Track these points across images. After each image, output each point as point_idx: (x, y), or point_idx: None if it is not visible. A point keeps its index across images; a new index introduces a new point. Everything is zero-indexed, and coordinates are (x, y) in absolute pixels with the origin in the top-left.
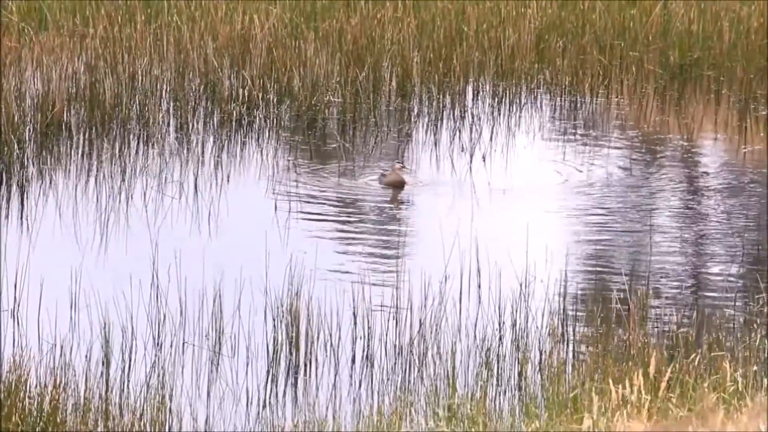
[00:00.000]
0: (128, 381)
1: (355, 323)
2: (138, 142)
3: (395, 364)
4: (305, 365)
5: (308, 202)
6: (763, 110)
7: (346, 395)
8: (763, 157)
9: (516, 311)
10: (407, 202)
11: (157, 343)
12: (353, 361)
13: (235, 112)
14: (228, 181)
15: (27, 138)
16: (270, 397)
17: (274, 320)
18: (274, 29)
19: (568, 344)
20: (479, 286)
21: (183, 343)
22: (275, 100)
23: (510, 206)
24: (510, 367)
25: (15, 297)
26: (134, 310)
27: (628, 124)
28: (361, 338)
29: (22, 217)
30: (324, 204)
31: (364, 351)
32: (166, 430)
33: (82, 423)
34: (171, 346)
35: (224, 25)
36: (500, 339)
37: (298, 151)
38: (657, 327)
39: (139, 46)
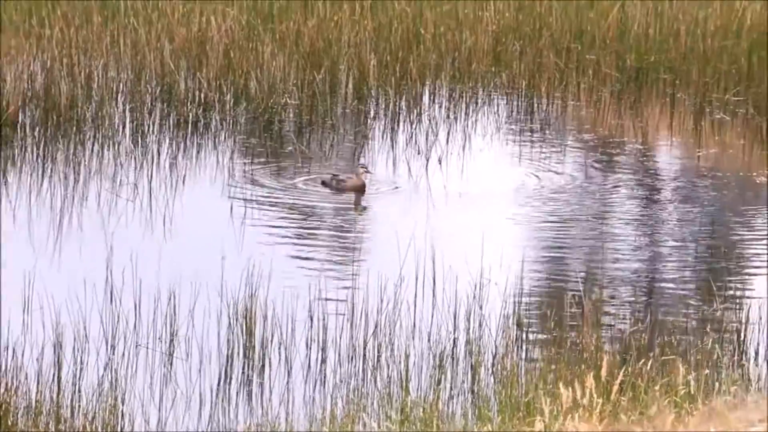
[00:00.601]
0: (80, 383)
1: (311, 326)
2: (93, 144)
3: (349, 367)
4: (259, 368)
5: (264, 205)
6: (718, 114)
7: (299, 398)
8: (717, 161)
9: (470, 315)
10: (369, 205)
11: (111, 346)
12: (307, 364)
13: (191, 115)
14: (183, 183)
15: None
16: (223, 400)
17: (228, 323)
18: (231, 31)
19: (521, 348)
20: (434, 290)
21: (136, 346)
22: (232, 102)
23: (466, 210)
24: (463, 370)
25: None
26: (87, 313)
27: (584, 127)
28: (315, 341)
29: None
30: (280, 207)
31: (317, 354)
32: None
33: (34, 426)
34: (124, 348)
35: (181, 27)
36: (454, 342)
37: (254, 154)
38: (610, 331)
39: (96, 48)
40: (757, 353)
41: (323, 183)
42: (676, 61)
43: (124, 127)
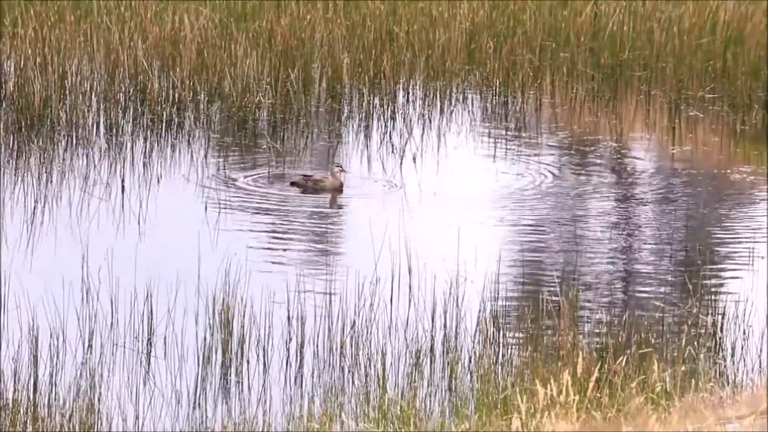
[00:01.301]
0: (58, 383)
1: (288, 325)
2: (67, 144)
3: (326, 365)
4: (236, 366)
5: (239, 204)
6: (693, 111)
7: (277, 397)
8: (692, 158)
9: (447, 313)
10: (346, 205)
11: (88, 345)
12: (285, 362)
13: (165, 114)
14: (158, 182)
15: None
16: (200, 399)
17: (205, 322)
18: (204, 30)
19: (498, 345)
20: (410, 288)
21: (113, 345)
22: (205, 101)
23: (441, 208)
24: (441, 368)
25: None
26: (64, 312)
27: (559, 125)
28: (292, 340)
29: None
30: (255, 205)
31: (295, 352)
32: (96, 431)
33: (11, 425)
34: (101, 347)
35: (154, 26)
36: (431, 340)
37: (228, 153)
38: (587, 328)
39: (69, 47)
40: (732, 350)
41: (293, 183)
42: (651, 59)
43: (97, 127)
